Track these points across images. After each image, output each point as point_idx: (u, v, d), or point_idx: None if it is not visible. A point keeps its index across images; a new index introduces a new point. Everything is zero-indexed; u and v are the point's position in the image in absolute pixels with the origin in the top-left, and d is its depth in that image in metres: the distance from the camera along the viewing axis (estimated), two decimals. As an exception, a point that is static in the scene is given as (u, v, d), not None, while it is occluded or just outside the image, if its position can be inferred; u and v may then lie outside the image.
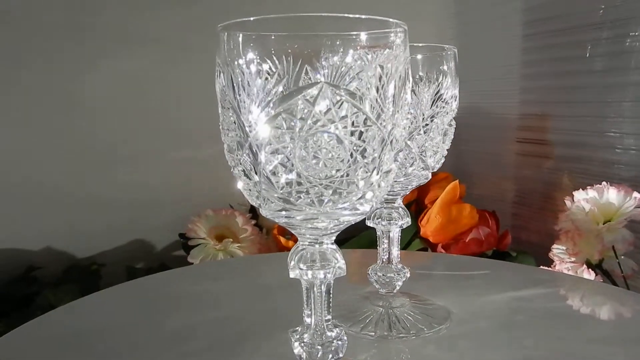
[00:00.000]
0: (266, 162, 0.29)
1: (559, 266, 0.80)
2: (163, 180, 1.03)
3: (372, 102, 0.29)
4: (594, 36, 0.89)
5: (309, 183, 0.29)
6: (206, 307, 0.54)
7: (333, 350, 0.34)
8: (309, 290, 0.34)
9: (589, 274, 0.75)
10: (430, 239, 0.94)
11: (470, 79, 1.10)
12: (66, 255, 0.98)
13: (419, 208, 1.01)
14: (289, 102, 0.28)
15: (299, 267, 0.33)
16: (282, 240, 0.95)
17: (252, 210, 0.99)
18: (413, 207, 1.02)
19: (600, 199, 0.77)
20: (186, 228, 0.90)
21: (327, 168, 0.29)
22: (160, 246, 1.06)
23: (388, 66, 0.29)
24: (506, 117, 1.09)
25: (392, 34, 0.31)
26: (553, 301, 0.55)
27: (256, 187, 0.30)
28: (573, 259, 0.79)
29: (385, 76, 0.29)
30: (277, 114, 0.28)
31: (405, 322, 0.48)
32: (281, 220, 0.32)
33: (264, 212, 0.32)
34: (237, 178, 0.32)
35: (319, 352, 0.33)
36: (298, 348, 0.34)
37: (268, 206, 0.31)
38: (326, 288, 0.34)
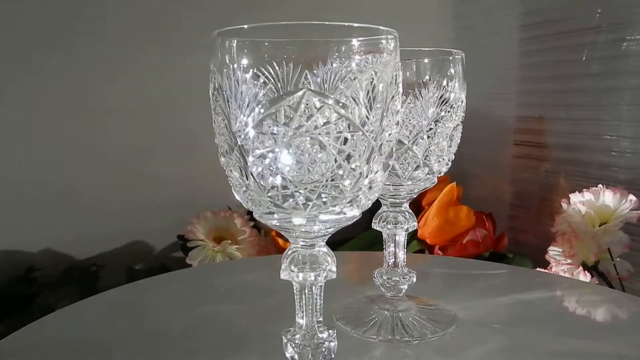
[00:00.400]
0: (253, 166, 0.30)
1: (555, 268, 0.80)
2: (162, 181, 1.03)
3: (358, 109, 0.29)
4: (591, 40, 0.89)
5: (294, 187, 0.29)
6: (205, 309, 0.54)
7: (324, 352, 0.34)
8: (301, 292, 0.34)
9: (585, 276, 0.75)
10: (427, 241, 0.95)
11: (467, 82, 1.11)
12: (66, 256, 0.99)
13: (417, 210, 1.02)
14: (274, 108, 0.28)
15: (290, 269, 0.33)
16: (281, 241, 0.95)
17: (251, 212, 0.99)
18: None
19: (596, 202, 0.78)
20: (185, 230, 0.91)
21: (311, 173, 0.29)
22: (159, 248, 1.06)
23: (377, 73, 0.30)
24: (503, 120, 1.09)
25: (383, 41, 0.31)
26: (555, 304, 0.56)
27: (246, 191, 0.31)
28: (569, 261, 0.79)
29: (373, 83, 0.30)
30: (262, 120, 0.29)
31: (409, 327, 0.47)
32: (272, 222, 0.32)
33: (256, 215, 0.33)
34: (229, 181, 0.33)
35: (309, 354, 0.34)
36: (290, 349, 0.35)
37: (258, 209, 0.31)
38: (317, 290, 0.34)
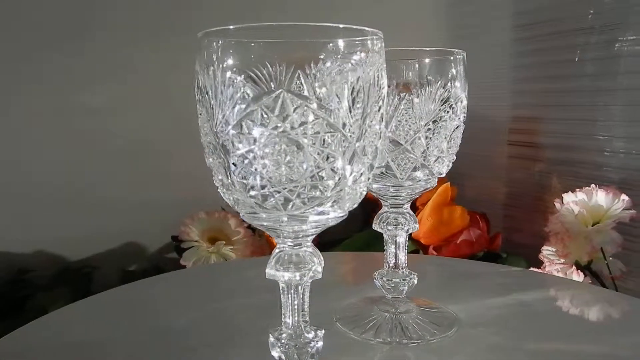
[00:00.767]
0: (234, 167, 0.30)
1: (549, 267, 0.80)
2: (156, 182, 1.03)
3: (338, 109, 0.29)
4: (584, 40, 0.90)
5: (273, 187, 0.29)
6: (200, 310, 0.54)
7: (310, 352, 0.34)
8: (287, 291, 0.34)
9: (578, 276, 0.76)
10: (421, 241, 0.95)
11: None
12: (59, 258, 0.99)
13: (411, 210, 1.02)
14: (251, 109, 0.28)
15: (276, 269, 0.33)
16: (275, 242, 0.95)
17: (245, 212, 0.99)
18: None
19: (589, 201, 0.78)
20: (179, 231, 0.91)
21: (289, 173, 0.29)
22: (153, 249, 1.06)
23: (361, 73, 0.30)
24: (497, 120, 1.10)
25: (369, 42, 0.31)
26: (549, 303, 0.56)
27: (230, 190, 0.31)
28: (562, 261, 0.79)
29: (355, 83, 0.30)
30: (241, 120, 0.29)
31: (409, 329, 0.47)
32: (256, 222, 0.32)
33: (241, 215, 0.33)
34: (214, 181, 0.33)
35: (294, 354, 0.34)
36: (276, 348, 0.35)
37: (243, 209, 0.31)
38: (303, 290, 0.34)
